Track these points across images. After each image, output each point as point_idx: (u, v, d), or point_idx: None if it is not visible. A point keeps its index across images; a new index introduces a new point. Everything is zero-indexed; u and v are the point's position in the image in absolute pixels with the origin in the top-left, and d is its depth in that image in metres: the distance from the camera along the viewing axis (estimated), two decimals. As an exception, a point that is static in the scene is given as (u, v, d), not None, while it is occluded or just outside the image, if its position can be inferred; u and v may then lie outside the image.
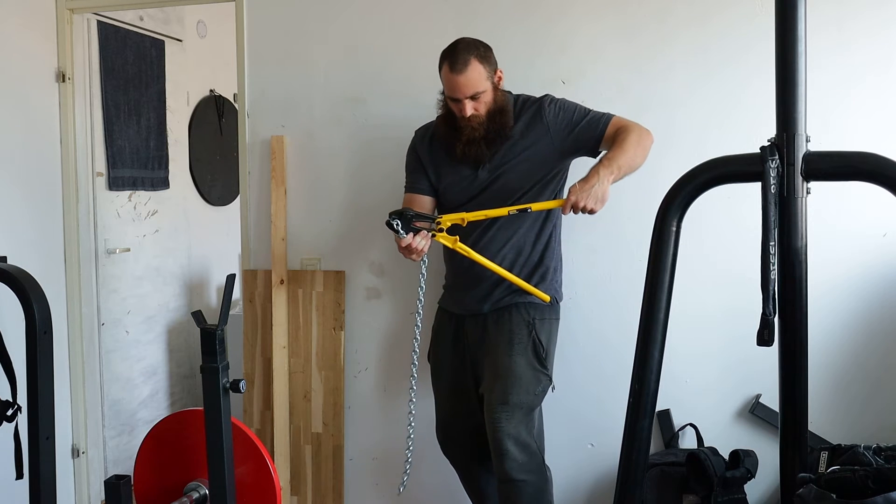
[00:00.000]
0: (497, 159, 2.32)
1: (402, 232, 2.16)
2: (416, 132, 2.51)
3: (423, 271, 2.30)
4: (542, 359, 2.31)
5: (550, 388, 2.35)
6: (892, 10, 2.39)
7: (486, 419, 2.29)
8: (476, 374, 2.41)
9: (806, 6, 1.57)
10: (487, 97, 2.26)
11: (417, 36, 2.71)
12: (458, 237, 2.26)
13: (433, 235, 2.22)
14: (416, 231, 2.19)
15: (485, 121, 2.27)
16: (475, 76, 2.22)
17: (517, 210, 2.22)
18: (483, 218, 2.25)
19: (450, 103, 2.30)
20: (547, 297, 2.34)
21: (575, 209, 2.11)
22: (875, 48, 2.40)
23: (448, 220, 2.24)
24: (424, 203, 2.44)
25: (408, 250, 2.21)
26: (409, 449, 2.35)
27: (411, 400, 2.33)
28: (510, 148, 2.31)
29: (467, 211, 2.27)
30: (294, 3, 2.83)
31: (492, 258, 2.30)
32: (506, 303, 2.35)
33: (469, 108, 2.25)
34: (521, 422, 2.24)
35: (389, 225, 2.17)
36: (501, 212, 2.23)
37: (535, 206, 2.23)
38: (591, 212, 2.11)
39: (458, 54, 2.22)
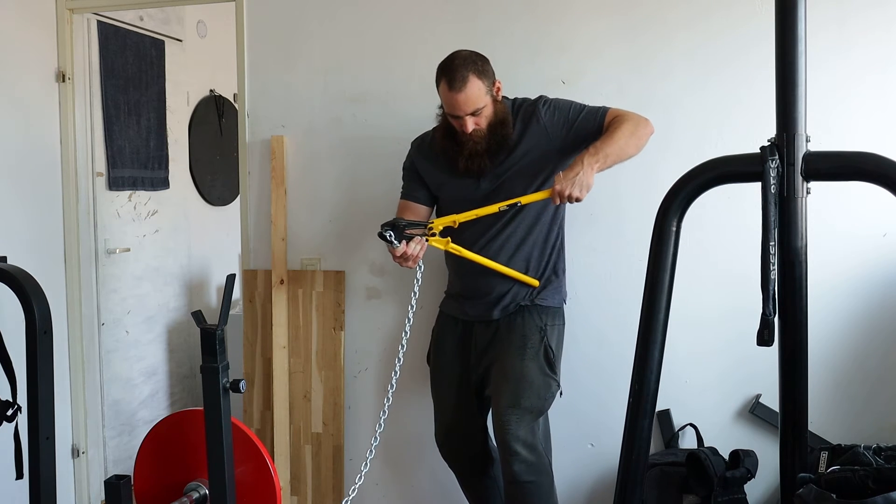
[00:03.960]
0: (499, 168, 2.30)
1: (395, 242, 2.17)
2: (413, 143, 2.49)
3: (419, 276, 2.31)
4: (552, 364, 2.31)
5: (558, 394, 2.35)
6: (892, 10, 2.39)
7: (494, 421, 2.28)
8: (483, 377, 2.40)
9: (806, 6, 1.57)
10: (488, 111, 2.23)
11: (417, 36, 2.71)
12: (449, 238, 2.26)
13: (427, 240, 2.23)
14: (409, 239, 2.20)
15: (486, 134, 2.24)
16: (475, 92, 2.17)
17: (507, 206, 2.20)
18: (474, 217, 2.24)
19: (450, 119, 2.26)
20: (536, 282, 2.33)
21: (560, 198, 2.12)
22: (875, 48, 2.40)
23: (440, 223, 2.25)
24: (420, 211, 2.45)
25: (403, 258, 2.21)
26: (370, 451, 2.34)
27: (386, 400, 2.33)
28: (510, 155, 2.30)
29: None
30: (294, 4, 2.83)
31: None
32: (515, 308, 2.35)
33: (470, 125, 2.22)
34: (529, 425, 2.24)
35: (382, 236, 2.17)
36: (492, 209, 2.22)
37: (525, 199, 2.21)
38: (577, 199, 2.12)
39: (456, 71, 2.17)
